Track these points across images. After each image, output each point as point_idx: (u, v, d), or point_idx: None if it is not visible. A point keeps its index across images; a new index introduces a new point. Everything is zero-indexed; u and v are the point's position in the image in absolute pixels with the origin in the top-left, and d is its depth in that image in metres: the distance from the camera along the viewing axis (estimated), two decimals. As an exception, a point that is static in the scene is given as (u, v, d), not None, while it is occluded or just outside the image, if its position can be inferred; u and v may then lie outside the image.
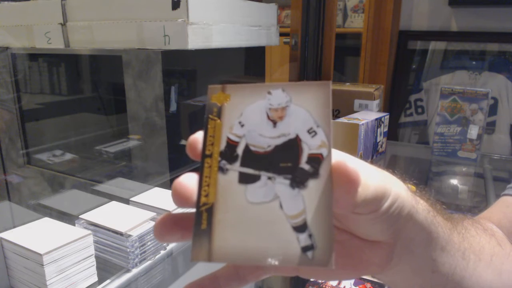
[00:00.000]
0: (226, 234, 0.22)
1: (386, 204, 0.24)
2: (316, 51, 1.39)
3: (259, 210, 0.22)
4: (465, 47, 1.87)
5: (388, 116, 1.16)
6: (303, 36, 1.36)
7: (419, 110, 1.95)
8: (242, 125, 0.24)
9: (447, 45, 1.90)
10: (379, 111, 1.24)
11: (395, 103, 1.98)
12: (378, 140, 1.14)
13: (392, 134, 1.84)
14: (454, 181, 1.20)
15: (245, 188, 0.23)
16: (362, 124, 1.02)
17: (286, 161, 0.23)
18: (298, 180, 0.22)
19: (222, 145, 0.23)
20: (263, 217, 0.22)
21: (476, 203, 1.06)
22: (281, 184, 0.22)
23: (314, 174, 0.22)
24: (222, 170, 0.23)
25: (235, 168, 0.23)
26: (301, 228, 0.21)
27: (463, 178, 1.21)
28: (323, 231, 0.21)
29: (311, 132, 0.23)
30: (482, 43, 1.82)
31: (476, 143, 1.18)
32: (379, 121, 1.11)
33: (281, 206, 0.22)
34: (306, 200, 0.22)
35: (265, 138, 0.23)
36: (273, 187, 0.22)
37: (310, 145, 0.22)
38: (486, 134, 1.70)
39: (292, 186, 0.22)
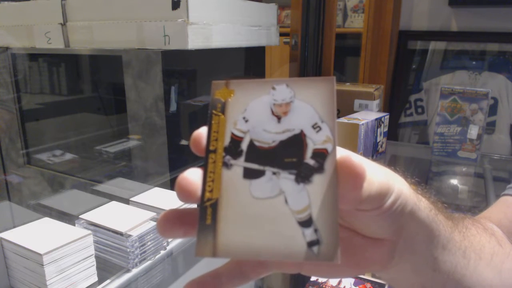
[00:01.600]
0: (231, 229, 0.22)
1: (390, 201, 0.24)
2: (316, 51, 1.39)
3: (264, 205, 0.22)
4: (465, 47, 1.87)
5: (388, 116, 1.16)
6: (303, 36, 1.36)
7: (419, 110, 1.95)
8: (246, 121, 0.24)
9: (447, 45, 1.90)
10: (379, 111, 1.24)
11: (395, 103, 1.98)
12: (378, 140, 1.14)
13: (392, 134, 1.84)
14: (454, 181, 1.20)
15: (250, 184, 0.22)
16: (362, 124, 1.02)
17: (291, 156, 0.23)
18: (303, 175, 0.22)
19: (226, 140, 0.23)
20: (268, 213, 0.22)
21: (476, 203, 1.06)
22: (286, 179, 0.22)
23: (319, 169, 0.22)
24: (226, 165, 0.23)
25: (240, 164, 0.23)
26: (306, 223, 0.21)
27: (463, 178, 1.21)
28: (329, 226, 0.21)
29: (316, 127, 0.23)
30: (482, 43, 1.82)
31: (476, 143, 1.18)
32: (379, 121, 1.11)
33: (286, 201, 0.22)
34: (311, 195, 0.22)
35: (269, 133, 0.23)
36: (278, 182, 0.22)
37: (315, 140, 0.22)
38: (486, 134, 1.70)
39: (297, 181, 0.22)
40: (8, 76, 1.37)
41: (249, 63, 1.48)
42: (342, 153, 0.22)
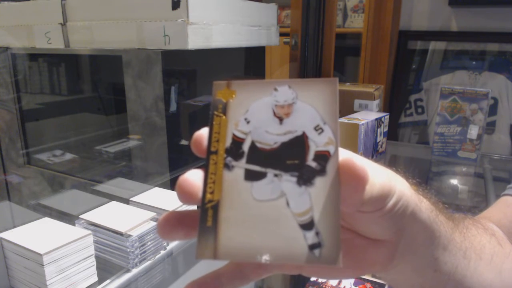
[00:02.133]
0: (232, 231, 0.22)
1: (391, 202, 0.24)
2: (316, 51, 1.38)
3: (265, 207, 0.22)
4: (465, 47, 1.87)
5: (388, 116, 1.16)
6: (303, 36, 1.36)
7: (419, 110, 1.95)
8: (248, 122, 0.23)
9: (447, 45, 1.90)
10: (379, 111, 1.24)
11: (395, 103, 1.98)
12: (378, 140, 1.14)
13: (392, 134, 1.84)
14: (454, 181, 1.20)
15: (251, 185, 0.22)
16: (362, 124, 1.02)
17: (292, 158, 0.22)
18: (305, 177, 0.22)
19: (228, 141, 0.23)
20: (270, 215, 0.22)
21: (476, 203, 1.06)
22: (288, 182, 0.22)
23: (321, 171, 0.22)
24: (227, 167, 0.23)
25: (241, 165, 0.23)
26: (308, 226, 0.21)
27: (463, 178, 1.21)
28: (330, 229, 0.21)
29: (318, 129, 0.23)
30: (482, 43, 1.82)
31: (476, 143, 1.18)
32: (379, 121, 1.11)
33: (287, 204, 0.22)
34: (313, 198, 0.21)
35: (271, 135, 0.23)
36: (280, 185, 0.22)
37: (317, 142, 0.22)
38: (486, 134, 1.70)
39: (299, 183, 0.22)
40: (8, 76, 1.37)
41: (249, 63, 1.48)
42: (344, 155, 0.22)
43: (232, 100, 0.24)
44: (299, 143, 0.23)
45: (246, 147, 0.23)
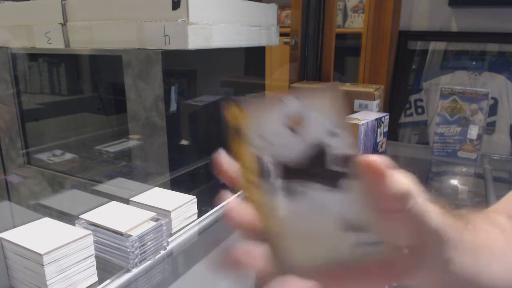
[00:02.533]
0: (287, 248, 0.23)
1: (411, 202, 0.25)
2: (316, 51, 1.39)
3: (305, 219, 0.23)
4: (465, 47, 1.87)
5: (388, 116, 1.16)
6: (303, 36, 1.36)
7: (419, 110, 1.95)
8: (264, 139, 0.24)
9: (447, 45, 1.90)
10: (379, 111, 1.24)
11: (395, 103, 1.98)
12: (378, 140, 1.14)
13: (392, 134, 1.84)
14: (454, 181, 1.20)
15: (286, 201, 0.23)
16: (362, 124, 1.02)
17: (314, 166, 0.23)
18: (331, 182, 0.23)
19: (252, 163, 0.24)
20: (311, 225, 0.23)
21: (476, 203, 1.06)
22: (316, 190, 0.23)
23: (344, 174, 0.23)
24: (261, 188, 0.23)
25: (271, 183, 0.23)
26: (347, 227, 0.22)
27: (463, 178, 1.21)
28: (366, 226, 0.22)
29: (331, 133, 0.23)
30: (482, 43, 1.82)
31: (476, 143, 1.18)
32: (379, 121, 1.11)
33: (323, 210, 0.23)
34: (344, 200, 0.22)
35: (288, 147, 0.23)
36: (310, 194, 0.23)
37: (333, 146, 0.23)
38: (486, 134, 1.70)
39: (327, 189, 0.23)
40: (7, 76, 1.37)
41: (249, 63, 1.48)
42: (361, 155, 0.23)
43: (244, 120, 0.24)
44: (317, 150, 0.23)
45: (269, 165, 0.24)
